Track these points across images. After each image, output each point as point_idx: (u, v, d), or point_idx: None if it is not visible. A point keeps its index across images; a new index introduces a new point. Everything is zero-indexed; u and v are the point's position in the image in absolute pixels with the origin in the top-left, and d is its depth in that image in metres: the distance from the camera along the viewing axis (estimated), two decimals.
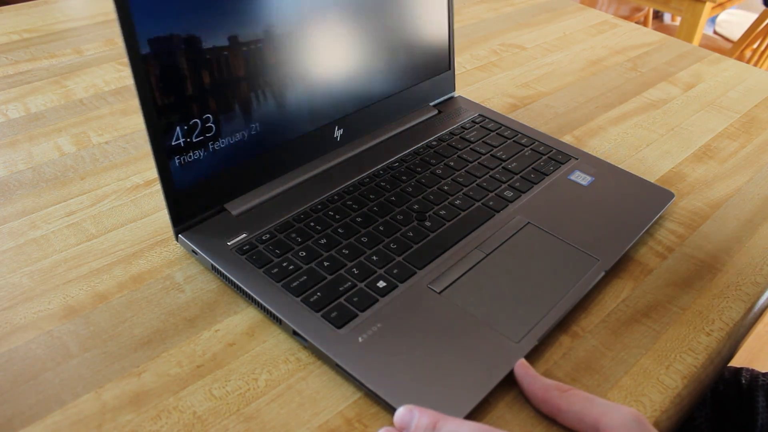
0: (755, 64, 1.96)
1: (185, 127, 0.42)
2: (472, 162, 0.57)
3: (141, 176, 0.55)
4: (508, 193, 0.53)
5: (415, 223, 0.49)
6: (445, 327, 0.40)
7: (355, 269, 0.44)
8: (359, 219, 0.48)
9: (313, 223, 0.48)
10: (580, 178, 0.55)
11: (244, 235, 0.46)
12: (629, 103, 0.71)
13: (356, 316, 0.41)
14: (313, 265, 0.44)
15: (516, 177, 0.55)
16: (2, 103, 0.64)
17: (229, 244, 0.45)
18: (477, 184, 0.54)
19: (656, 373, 0.40)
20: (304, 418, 0.37)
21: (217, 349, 0.40)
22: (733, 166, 0.61)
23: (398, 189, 0.52)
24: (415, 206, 0.50)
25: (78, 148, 0.58)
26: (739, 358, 1.50)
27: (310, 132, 0.52)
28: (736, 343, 0.44)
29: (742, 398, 0.52)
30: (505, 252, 0.47)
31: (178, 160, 0.43)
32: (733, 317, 0.45)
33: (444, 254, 0.46)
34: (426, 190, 0.52)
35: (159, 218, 0.51)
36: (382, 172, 0.54)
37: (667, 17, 2.99)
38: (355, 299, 0.42)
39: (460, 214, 0.50)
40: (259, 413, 0.37)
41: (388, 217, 0.49)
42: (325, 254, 0.45)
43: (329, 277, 0.43)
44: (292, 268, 0.44)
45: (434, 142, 0.59)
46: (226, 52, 0.42)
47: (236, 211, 0.48)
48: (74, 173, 0.55)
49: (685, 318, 0.44)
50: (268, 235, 0.46)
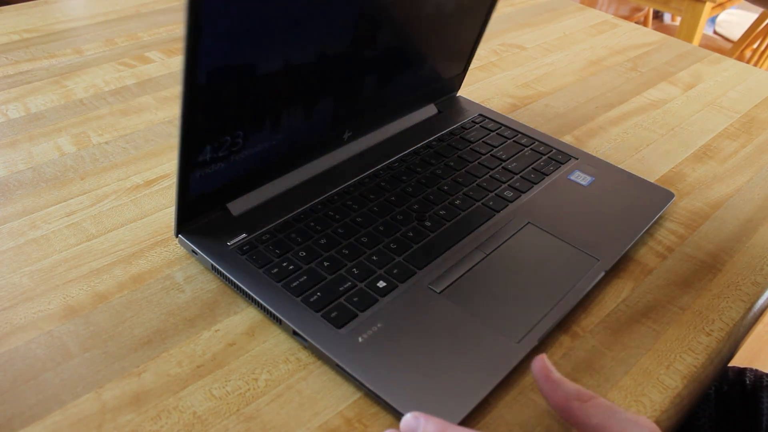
0: (755, 64, 1.96)
1: (216, 145, 0.43)
2: (472, 162, 0.57)
3: (141, 176, 0.55)
4: (508, 193, 0.53)
5: (415, 223, 0.49)
6: (445, 327, 0.40)
7: (355, 269, 0.44)
8: (359, 219, 0.48)
9: (313, 223, 0.48)
10: (580, 178, 0.55)
11: (244, 235, 0.46)
12: (629, 103, 0.71)
13: (356, 316, 0.41)
14: (313, 265, 0.44)
15: (516, 177, 0.55)
16: (2, 103, 0.64)
17: (229, 244, 0.45)
18: (477, 184, 0.54)
19: (656, 373, 0.40)
20: (304, 418, 0.37)
21: (217, 349, 0.40)
22: (733, 166, 0.61)
23: (398, 189, 0.52)
24: (415, 206, 0.50)
25: (78, 148, 0.58)
26: (739, 358, 1.50)
27: (319, 134, 0.52)
28: (736, 343, 0.44)
29: (746, 399, 0.52)
30: (505, 252, 0.47)
31: (199, 173, 0.43)
32: (733, 317, 0.45)
33: (444, 254, 0.46)
34: (426, 190, 0.52)
35: (159, 218, 0.51)
36: (382, 171, 0.54)
37: (667, 17, 2.99)
38: (355, 299, 0.42)
39: (460, 214, 0.50)
40: (259, 413, 0.37)
41: (388, 217, 0.49)
42: (325, 254, 0.45)
43: (329, 277, 0.43)
44: (292, 268, 0.44)
45: (434, 142, 0.59)
46: (271, 78, 0.43)
47: (237, 211, 0.48)
48: (74, 173, 0.55)
49: (685, 318, 0.44)
50: (268, 235, 0.46)
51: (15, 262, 0.46)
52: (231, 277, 0.43)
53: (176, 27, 0.82)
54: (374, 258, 0.45)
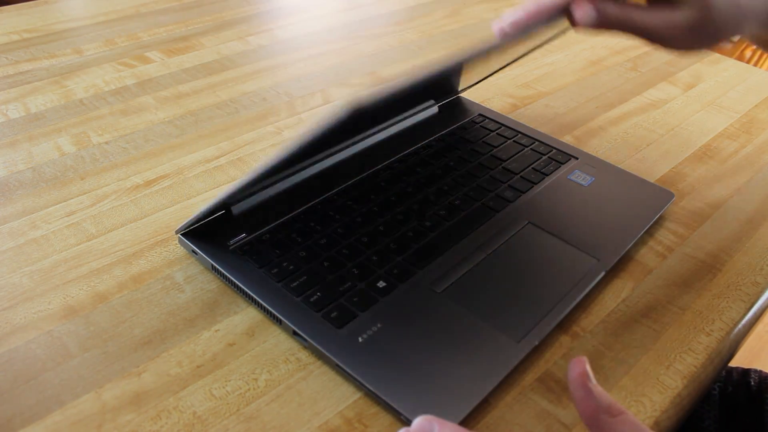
0: (755, 64, 1.96)
1: None
2: (472, 162, 0.57)
3: (141, 176, 0.55)
4: (508, 193, 0.53)
5: (416, 223, 0.49)
6: (445, 327, 0.40)
7: (355, 269, 0.44)
8: (359, 219, 0.48)
9: (313, 223, 0.48)
10: (580, 178, 0.55)
11: (244, 235, 0.46)
12: (629, 103, 0.71)
13: (356, 316, 0.41)
14: (313, 265, 0.44)
15: (516, 177, 0.55)
16: (2, 103, 0.64)
17: (229, 244, 0.45)
18: (477, 184, 0.54)
19: (656, 373, 0.40)
20: (304, 418, 0.37)
21: (217, 349, 0.40)
22: (733, 166, 0.61)
23: (398, 189, 0.52)
24: (416, 206, 0.50)
25: (78, 148, 0.58)
26: (739, 358, 1.50)
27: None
28: (736, 343, 0.44)
29: (751, 400, 0.52)
30: (505, 252, 0.47)
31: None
32: (733, 317, 0.45)
33: (444, 254, 0.46)
34: (426, 190, 0.52)
35: (159, 218, 0.51)
36: (382, 171, 0.54)
37: None
38: (355, 299, 0.42)
39: (461, 214, 0.50)
40: (259, 413, 0.37)
41: (388, 217, 0.49)
42: (326, 254, 0.45)
43: (329, 277, 0.43)
44: (292, 268, 0.44)
45: (435, 142, 0.59)
46: None
47: (237, 210, 0.48)
48: (74, 173, 0.55)
49: (685, 318, 0.44)
50: (269, 235, 0.46)
51: (15, 262, 0.46)
52: (231, 277, 0.43)
53: (176, 27, 0.82)
54: (374, 258, 0.45)
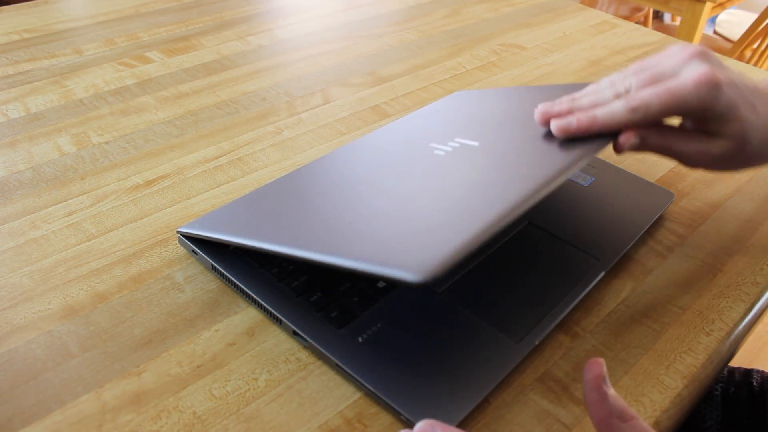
0: (755, 64, 1.96)
1: None
2: None
3: (141, 176, 0.55)
4: None
5: None
6: (445, 327, 0.40)
7: None
8: None
9: None
10: (580, 178, 0.55)
11: None
12: None
13: (356, 316, 0.41)
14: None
15: None
16: (2, 103, 0.64)
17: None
18: None
19: (656, 373, 0.40)
20: (304, 418, 0.37)
21: (217, 349, 0.40)
22: None
23: None
24: None
25: (78, 148, 0.58)
26: (739, 358, 1.50)
27: None
28: (736, 343, 0.44)
29: (753, 400, 0.52)
30: (506, 252, 0.47)
31: None
32: (733, 317, 0.45)
33: None
34: None
35: (159, 218, 0.51)
36: None
37: (667, 17, 2.99)
38: (355, 299, 0.42)
39: None
40: (259, 413, 0.37)
41: None
42: None
43: (329, 277, 0.43)
44: (292, 267, 0.44)
45: None
46: None
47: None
48: (74, 173, 0.55)
49: (685, 318, 0.44)
50: None
51: (15, 262, 0.46)
52: (231, 277, 0.43)
53: (176, 27, 0.82)
54: None
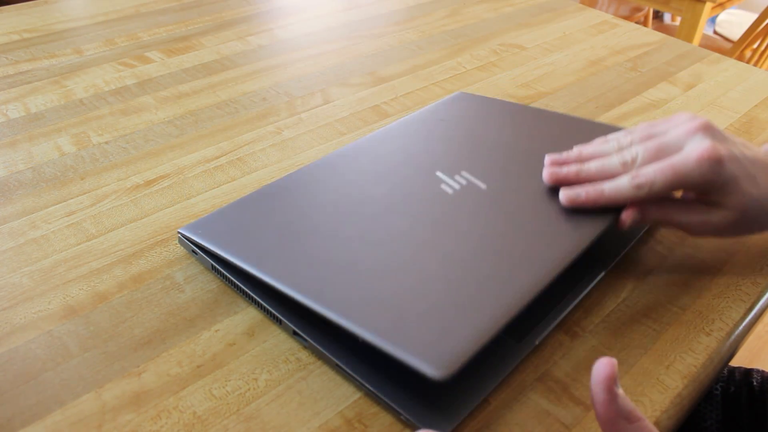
0: (755, 64, 1.96)
1: None
2: None
3: (141, 176, 0.55)
4: None
5: None
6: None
7: None
8: None
9: None
10: None
11: None
12: (629, 103, 0.71)
13: None
14: None
15: None
16: (2, 103, 0.64)
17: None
18: None
19: (656, 373, 0.40)
20: (304, 418, 0.37)
21: (217, 349, 0.40)
22: None
23: None
24: None
25: (78, 148, 0.58)
26: (739, 358, 1.50)
27: None
28: (736, 343, 0.44)
29: (753, 400, 0.52)
30: None
31: None
32: (733, 317, 0.45)
33: None
34: None
35: (159, 218, 0.51)
36: None
37: (667, 17, 3.00)
38: None
39: None
40: (259, 413, 0.37)
41: None
42: None
43: None
44: None
45: None
46: None
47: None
48: (74, 173, 0.55)
49: (685, 318, 0.44)
50: None
51: (15, 262, 0.46)
52: (231, 277, 0.43)
53: (176, 27, 0.82)
54: None
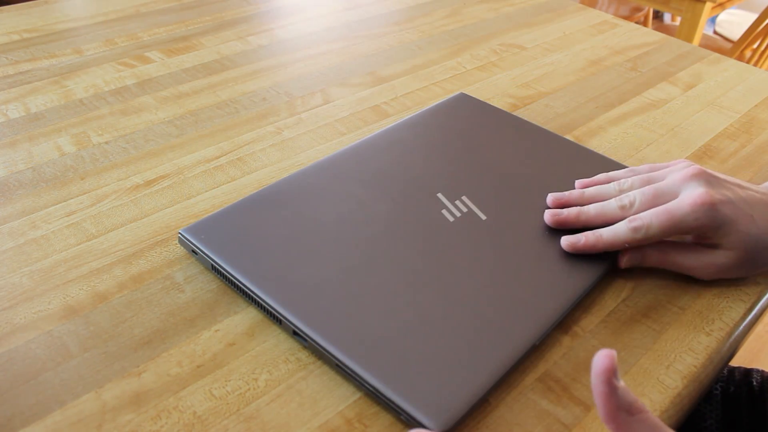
0: (755, 64, 1.96)
1: None
2: None
3: (141, 176, 0.55)
4: None
5: None
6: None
7: None
8: None
9: None
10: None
11: None
12: (629, 103, 0.71)
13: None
14: None
15: None
16: (2, 103, 0.64)
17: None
18: None
19: (656, 373, 0.40)
20: (304, 418, 0.37)
21: (217, 349, 0.40)
22: (733, 166, 0.61)
23: None
24: None
25: (78, 148, 0.58)
26: (739, 358, 1.50)
27: None
28: (736, 343, 0.44)
29: (753, 400, 0.52)
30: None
31: None
32: (733, 317, 0.45)
33: None
34: None
35: (159, 218, 0.51)
36: None
37: (667, 17, 3.00)
38: None
39: None
40: (259, 413, 0.37)
41: None
42: None
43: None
44: None
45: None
46: None
47: None
48: (74, 173, 0.55)
49: (685, 318, 0.44)
50: None
51: (15, 262, 0.46)
52: (231, 277, 0.43)
53: (176, 27, 0.82)
54: None
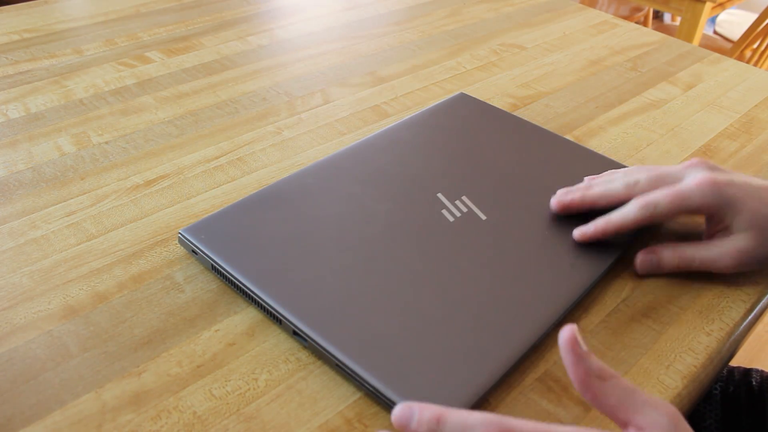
0: (755, 64, 1.96)
1: None
2: None
3: (141, 176, 0.55)
4: None
5: None
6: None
7: None
8: None
9: None
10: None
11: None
12: (629, 103, 0.71)
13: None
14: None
15: None
16: (2, 103, 0.64)
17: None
18: None
19: (656, 373, 0.40)
20: (304, 418, 0.37)
21: (217, 349, 0.40)
22: (733, 166, 0.61)
23: None
24: None
25: (78, 148, 0.58)
26: (739, 358, 1.50)
27: None
28: (736, 343, 0.44)
29: (753, 400, 0.52)
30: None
31: None
32: (733, 317, 0.45)
33: None
34: None
35: (159, 218, 0.51)
36: None
37: (667, 17, 3.00)
38: None
39: None
40: (259, 413, 0.37)
41: None
42: None
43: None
44: None
45: None
46: None
47: None
48: (74, 173, 0.55)
49: (685, 318, 0.44)
50: None
51: (15, 262, 0.46)
52: (231, 277, 0.43)
53: (176, 27, 0.82)
54: None
